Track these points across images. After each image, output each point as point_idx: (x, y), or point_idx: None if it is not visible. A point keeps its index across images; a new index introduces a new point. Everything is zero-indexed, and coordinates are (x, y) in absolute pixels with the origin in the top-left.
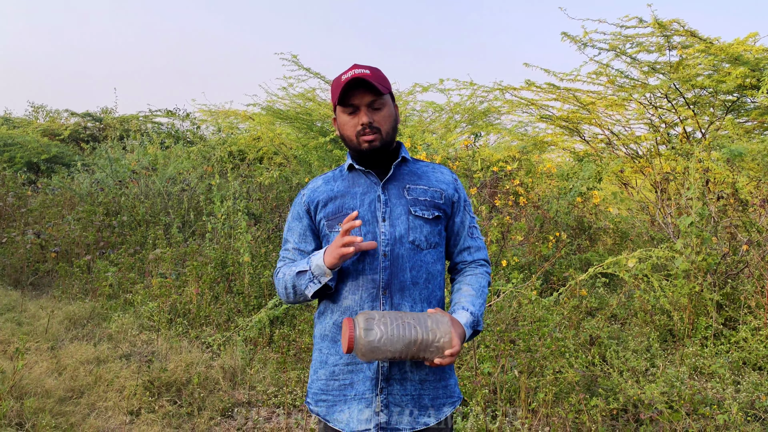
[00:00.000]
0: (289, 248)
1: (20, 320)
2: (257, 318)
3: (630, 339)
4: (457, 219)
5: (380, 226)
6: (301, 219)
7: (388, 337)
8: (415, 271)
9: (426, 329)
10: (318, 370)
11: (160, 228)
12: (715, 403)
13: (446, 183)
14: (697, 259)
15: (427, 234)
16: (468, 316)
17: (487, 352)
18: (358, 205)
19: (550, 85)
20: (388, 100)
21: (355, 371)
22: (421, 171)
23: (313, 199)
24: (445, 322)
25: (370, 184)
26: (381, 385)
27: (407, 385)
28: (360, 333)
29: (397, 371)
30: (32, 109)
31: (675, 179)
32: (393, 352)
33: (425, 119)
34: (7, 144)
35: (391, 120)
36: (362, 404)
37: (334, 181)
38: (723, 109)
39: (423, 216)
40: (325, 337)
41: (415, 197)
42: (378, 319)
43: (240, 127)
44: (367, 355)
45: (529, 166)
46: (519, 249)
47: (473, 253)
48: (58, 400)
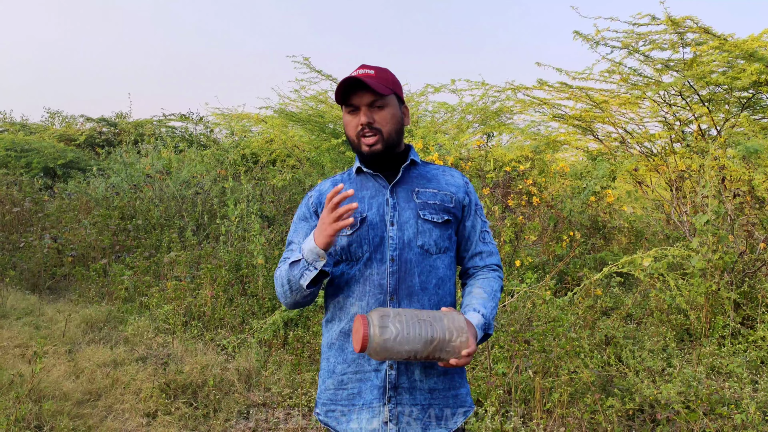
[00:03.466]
0: (293, 249)
1: (38, 324)
2: (271, 320)
3: (646, 339)
4: (468, 223)
5: (389, 230)
6: (308, 220)
7: (404, 335)
8: (424, 276)
9: (443, 328)
10: (326, 380)
11: (175, 231)
12: (733, 402)
13: (457, 186)
14: (714, 257)
15: (437, 238)
16: (479, 317)
17: (502, 353)
18: (366, 209)
19: (563, 84)
20: (391, 101)
21: (363, 380)
22: (431, 174)
23: (321, 201)
24: (461, 321)
25: (378, 188)
26: (389, 394)
27: (416, 395)
28: (375, 331)
29: (405, 380)
30: (48, 115)
31: (690, 177)
32: (408, 352)
33: (437, 120)
34: (24, 150)
35: (395, 121)
36: (370, 414)
37: (342, 183)
38: (738, 106)
39: (432, 220)
40: (332, 346)
41: (425, 201)
42: (393, 316)
43: (253, 130)
44: (380, 354)
45: (542, 165)
46: (533, 249)
47: (485, 258)
48: (75, 403)
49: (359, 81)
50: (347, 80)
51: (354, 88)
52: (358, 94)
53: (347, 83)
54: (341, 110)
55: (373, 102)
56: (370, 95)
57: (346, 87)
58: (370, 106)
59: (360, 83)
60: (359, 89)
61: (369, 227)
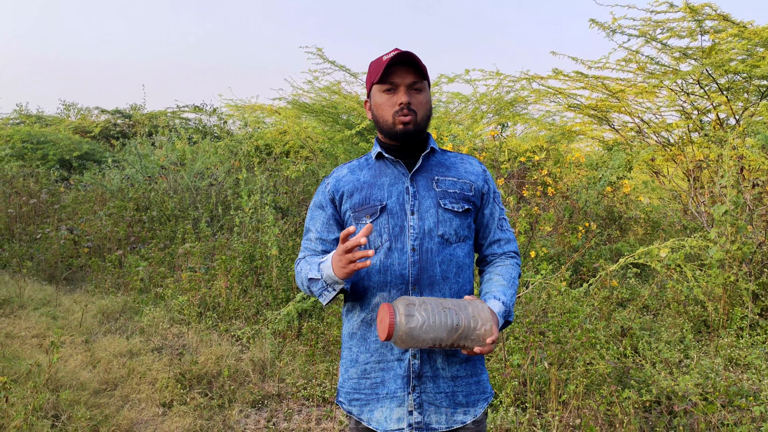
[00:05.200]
0: (311, 237)
1: (55, 314)
2: (285, 311)
3: (663, 330)
4: (487, 211)
5: (409, 219)
6: (324, 208)
7: (429, 323)
8: (445, 265)
9: (468, 316)
10: (349, 369)
11: (189, 222)
12: (751, 394)
13: (475, 174)
14: (732, 248)
15: (457, 227)
16: (500, 305)
17: (517, 344)
18: (386, 197)
19: (578, 74)
20: (426, 87)
21: (386, 369)
22: (450, 162)
23: (338, 188)
24: (485, 310)
25: (397, 175)
26: (413, 383)
27: (440, 383)
28: (401, 319)
29: (428, 368)
30: (64, 107)
31: (708, 167)
32: (434, 340)
33: (451, 110)
34: (40, 142)
35: (428, 107)
36: (394, 403)
37: (360, 170)
38: (758, 95)
39: (453, 209)
40: (354, 335)
41: (444, 189)
42: (419, 305)
43: (266, 121)
44: (406, 342)
45: (557, 156)
46: (548, 240)
47: (503, 245)
48: (92, 393)
49: (408, 55)
50: (396, 55)
51: (398, 66)
52: (401, 73)
53: (396, 58)
54: (356, 102)
55: (413, 83)
56: (413, 75)
57: (392, 62)
58: (409, 88)
59: (407, 59)
60: (403, 67)
61: (389, 216)
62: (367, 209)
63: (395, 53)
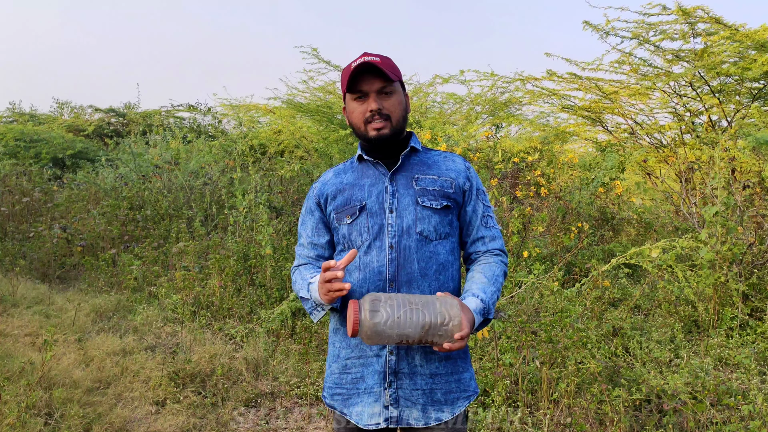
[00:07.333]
0: (303, 243)
1: (48, 313)
2: (279, 310)
3: (653, 330)
4: (469, 208)
5: (387, 217)
6: (312, 213)
7: (394, 319)
8: (424, 262)
9: (434, 312)
10: (332, 364)
11: (183, 221)
12: (740, 393)
13: (457, 171)
14: (723, 249)
15: (436, 224)
16: (478, 302)
17: (509, 343)
18: (366, 197)
19: (572, 75)
20: (398, 88)
21: (366, 365)
22: (432, 161)
23: (323, 192)
24: (454, 306)
25: (378, 175)
26: (389, 379)
27: (417, 380)
28: (365, 315)
29: (405, 365)
30: (57, 106)
31: (700, 168)
32: (400, 336)
33: (446, 111)
34: (33, 140)
35: (402, 108)
36: (371, 398)
37: (344, 173)
38: (749, 97)
39: (431, 206)
40: (338, 331)
41: (424, 187)
42: (384, 301)
43: (261, 120)
44: (372, 338)
45: (550, 156)
46: (541, 240)
47: (488, 242)
48: (85, 391)
49: (371, 65)
50: (359, 65)
51: (364, 74)
52: (368, 81)
53: (360, 68)
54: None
55: (382, 88)
56: (380, 81)
57: (357, 72)
58: (379, 93)
59: (371, 68)
60: (369, 75)
61: (368, 215)
62: (348, 210)
63: (360, 62)
